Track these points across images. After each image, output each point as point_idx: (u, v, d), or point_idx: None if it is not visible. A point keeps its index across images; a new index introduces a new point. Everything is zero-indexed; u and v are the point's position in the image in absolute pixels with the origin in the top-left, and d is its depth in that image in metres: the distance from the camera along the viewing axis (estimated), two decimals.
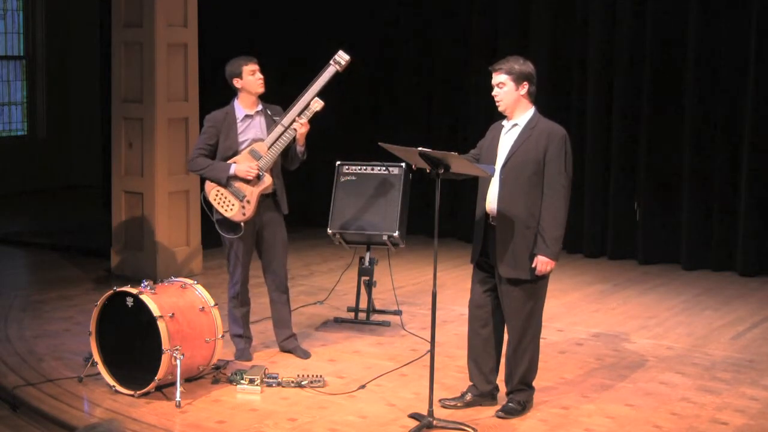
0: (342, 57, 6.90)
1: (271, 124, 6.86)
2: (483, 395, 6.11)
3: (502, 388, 6.11)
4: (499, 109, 5.92)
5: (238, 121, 6.83)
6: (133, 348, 6.21)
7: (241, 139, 6.82)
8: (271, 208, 6.90)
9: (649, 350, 7.36)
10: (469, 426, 5.76)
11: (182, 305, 6.27)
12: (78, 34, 14.51)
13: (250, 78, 6.79)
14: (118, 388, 6.22)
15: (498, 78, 5.87)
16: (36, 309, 8.24)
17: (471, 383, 6.14)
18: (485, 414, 6.00)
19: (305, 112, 6.79)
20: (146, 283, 6.27)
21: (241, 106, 6.84)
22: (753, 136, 9.63)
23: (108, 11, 9.87)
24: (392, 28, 11.52)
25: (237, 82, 6.81)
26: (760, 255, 9.74)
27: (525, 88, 5.87)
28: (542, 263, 5.79)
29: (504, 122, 5.99)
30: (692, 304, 8.74)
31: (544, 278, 5.90)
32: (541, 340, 7.43)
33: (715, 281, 9.59)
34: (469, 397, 6.11)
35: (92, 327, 6.30)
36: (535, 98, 5.95)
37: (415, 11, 11.44)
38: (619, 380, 6.69)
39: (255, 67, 6.81)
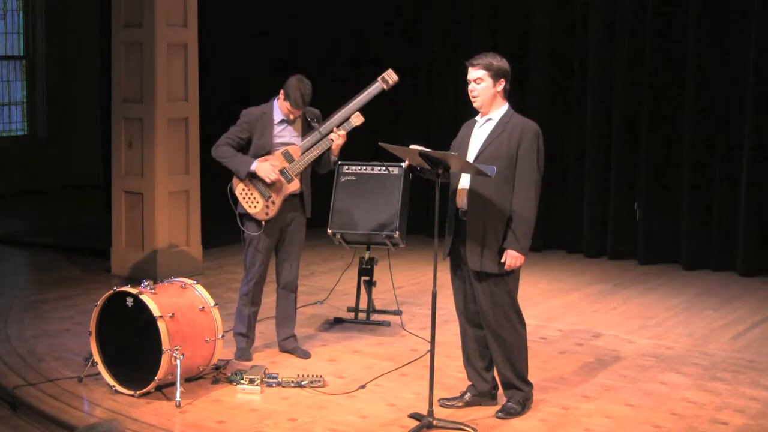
0: (390, 76, 6.89)
1: (307, 130, 6.87)
2: (482, 394, 6.12)
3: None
4: (475, 104, 5.93)
5: (274, 123, 6.82)
6: (133, 348, 6.21)
7: (276, 140, 6.82)
8: (296, 208, 6.91)
9: (649, 350, 7.36)
10: (469, 426, 5.77)
11: (182, 305, 6.27)
12: (78, 34, 14.51)
13: (286, 111, 6.76)
14: (118, 388, 6.22)
15: (475, 73, 5.87)
16: (36, 309, 8.24)
17: (470, 383, 6.14)
18: (485, 414, 6.00)
19: (344, 125, 6.80)
20: (146, 283, 6.27)
21: (280, 109, 6.83)
22: (753, 135, 9.63)
23: (108, 11, 9.87)
24: (392, 28, 11.52)
25: (281, 95, 6.76)
26: (760, 255, 9.74)
27: (502, 84, 5.88)
28: (512, 258, 5.79)
29: (477, 118, 6.00)
30: (692, 304, 8.74)
31: (514, 271, 5.89)
32: (541, 340, 7.45)
33: (715, 281, 9.59)
34: (468, 396, 6.12)
35: (92, 327, 6.30)
36: (509, 95, 5.96)
37: (415, 11, 11.43)
38: (619, 380, 6.69)
39: (294, 112, 6.75)
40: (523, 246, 5.80)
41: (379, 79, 6.90)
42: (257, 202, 6.79)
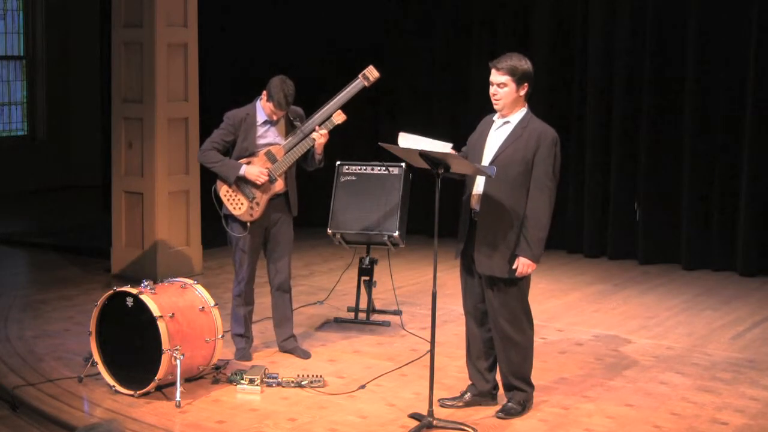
0: (371, 73, 6.87)
1: (290, 130, 6.86)
2: (482, 394, 6.11)
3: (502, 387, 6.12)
4: (496, 107, 5.87)
5: (257, 124, 6.82)
6: (133, 348, 6.21)
7: (259, 142, 6.81)
8: (281, 208, 6.90)
9: (649, 350, 7.36)
10: (469, 426, 5.76)
11: (182, 305, 6.27)
12: (78, 34, 14.51)
13: (270, 111, 6.75)
14: (118, 388, 6.22)
15: (500, 78, 5.80)
16: (36, 309, 8.24)
17: (470, 383, 6.14)
18: (485, 414, 6.00)
19: (326, 123, 6.79)
20: (146, 283, 6.27)
21: (263, 110, 6.82)
22: (753, 135, 9.63)
23: (108, 11, 9.88)
24: (392, 27, 11.52)
25: (264, 96, 6.74)
26: (760, 255, 9.74)
27: (525, 89, 5.83)
28: (524, 265, 5.76)
29: (495, 117, 5.96)
30: (692, 304, 8.74)
31: (524, 277, 5.88)
32: (541, 340, 7.45)
33: (715, 281, 9.59)
34: (468, 396, 6.11)
35: (92, 327, 6.30)
36: (530, 97, 5.93)
37: (414, 11, 11.43)
38: (619, 380, 6.69)
39: (278, 113, 6.73)
40: (536, 254, 5.76)
41: (360, 76, 6.88)
42: (242, 204, 6.79)
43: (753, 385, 6.63)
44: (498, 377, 6.10)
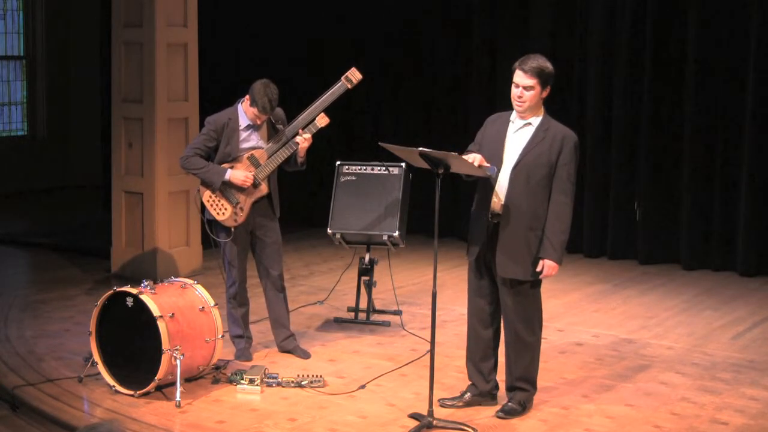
0: (354, 75, 6.84)
1: (273, 133, 6.84)
2: (482, 394, 6.12)
3: (502, 387, 6.11)
4: (519, 109, 5.81)
5: (240, 128, 6.80)
6: (133, 348, 6.21)
7: (242, 146, 6.79)
8: (264, 210, 6.88)
9: (649, 350, 7.36)
10: (469, 426, 5.77)
11: (182, 305, 6.27)
12: (78, 34, 14.50)
13: (253, 116, 6.73)
14: (118, 388, 6.22)
15: (527, 81, 5.73)
16: (36, 309, 8.24)
17: (470, 383, 6.14)
18: (485, 414, 6.00)
19: (310, 127, 6.77)
20: (146, 283, 6.27)
21: (245, 114, 6.80)
22: (753, 135, 9.63)
23: (108, 11, 9.88)
24: (392, 26, 11.51)
25: (248, 101, 6.71)
26: (760, 255, 9.74)
27: (548, 91, 5.81)
28: (549, 267, 5.77)
29: (512, 117, 5.90)
30: (692, 304, 8.74)
31: (542, 279, 5.89)
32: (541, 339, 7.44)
33: (715, 281, 9.58)
34: (468, 396, 6.11)
35: (92, 327, 6.30)
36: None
37: (415, 10, 11.42)
38: (619, 380, 6.69)
39: (261, 117, 6.69)
40: (560, 256, 5.79)
41: (342, 78, 6.86)
42: (225, 209, 6.77)
43: (753, 385, 6.63)
44: (500, 377, 6.10)
